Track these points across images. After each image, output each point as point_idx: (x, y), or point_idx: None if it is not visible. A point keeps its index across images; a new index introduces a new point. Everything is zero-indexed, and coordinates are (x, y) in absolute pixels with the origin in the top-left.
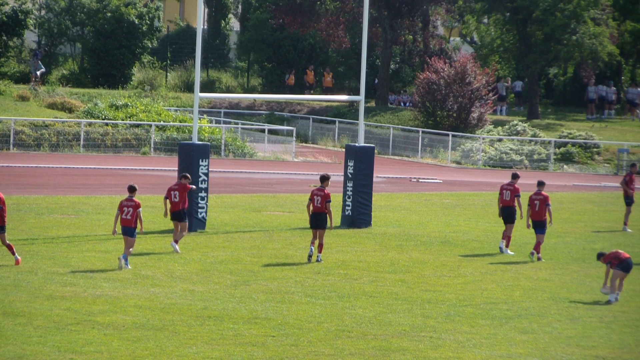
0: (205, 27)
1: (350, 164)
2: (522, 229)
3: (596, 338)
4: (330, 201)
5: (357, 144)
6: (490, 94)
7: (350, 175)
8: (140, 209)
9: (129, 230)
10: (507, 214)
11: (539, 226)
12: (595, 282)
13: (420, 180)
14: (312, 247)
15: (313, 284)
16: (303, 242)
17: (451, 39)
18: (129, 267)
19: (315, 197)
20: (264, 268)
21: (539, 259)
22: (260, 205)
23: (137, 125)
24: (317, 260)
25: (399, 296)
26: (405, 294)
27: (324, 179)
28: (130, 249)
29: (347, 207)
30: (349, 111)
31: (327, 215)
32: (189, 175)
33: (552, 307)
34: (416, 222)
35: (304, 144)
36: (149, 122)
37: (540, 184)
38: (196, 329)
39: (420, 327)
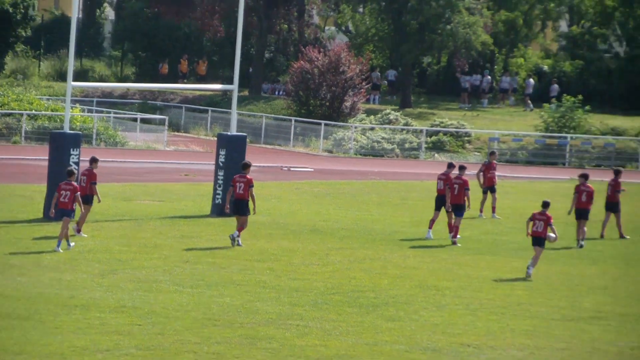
0: (80, 16)
1: (222, 152)
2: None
3: (462, 325)
4: (252, 186)
5: (229, 133)
6: (364, 83)
7: (221, 164)
8: (79, 193)
9: (66, 212)
10: (613, 207)
11: (458, 209)
12: (462, 270)
13: (291, 169)
14: (237, 232)
15: (181, 273)
16: (172, 231)
17: (326, 28)
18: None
19: (237, 183)
20: (132, 257)
21: (454, 242)
22: (131, 194)
23: (9, 114)
24: (238, 244)
25: (267, 284)
26: (273, 283)
27: (246, 166)
28: (67, 231)
29: (217, 196)
30: (222, 100)
31: (251, 200)
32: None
33: (419, 295)
34: (286, 211)
35: (177, 133)
36: (21, 111)
37: (462, 168)
38: (62, 318)
39: (287, 315)
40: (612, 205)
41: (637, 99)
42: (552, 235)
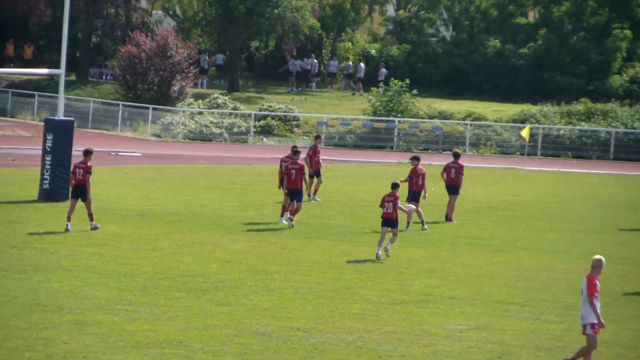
0: None
1: (49, 137)
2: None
3: (291, 309)
4: (91, 173)
5: (56, 118)
6: (192, 67)
7: (48, 149)
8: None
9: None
10: (454, 189)
11: (295, 194)
12: (292, 254)
13: (119, 153)
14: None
15: (9, 258)
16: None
17: (154, 12)
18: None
19: (77, 169)
20: None
21: (290, 220)
22: None
23: None
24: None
25: (95, 269)
26: (101, 268)
27: (87, 152)
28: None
29: (45, 181)
30: (49, 85)
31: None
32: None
33: (248, 279)
34: (114, 196)
35: (3, 118)
36: None
37: (296, 152)
38: None
39: (116, 300)
40: (454, 188)
41: (463, 83)
42: (405, 208)
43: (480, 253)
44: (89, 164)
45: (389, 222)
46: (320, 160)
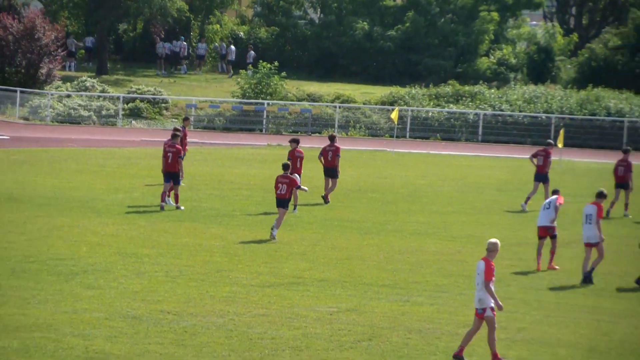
0: None
1: None
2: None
3: (162, 292)
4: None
5: None
6: (60, 50)
7: None
8: None
9: None
10: (332, 173)
11: (172, 177)
12: (162, 237)
13: None
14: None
15: None
16: None
17: None
18: None
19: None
20: None
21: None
22: None
23: None
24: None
25: None
26: None
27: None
28: None
29: None
30: None
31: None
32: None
33: (118, 262)
34: None
35: None
36: None
37: (175, 136)
38: None
39: None
40: (332, 171)
41: (332, 66)
42: (305, 188)
43: (350, 235)
44: None
45: (282, 202)
46: (187, 144)
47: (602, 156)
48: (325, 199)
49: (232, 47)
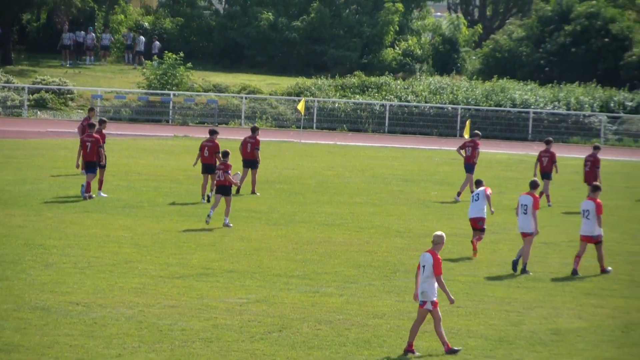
0: None
1: None
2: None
3: (70, 284)
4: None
5: None
6: None
7: None
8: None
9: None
10: (251, 164)
11: (90, 166)
12: (69, 228)
13: None
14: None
15: None
16: None
17: None
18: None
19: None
20: None
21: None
22: None
23: None
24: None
25: None
26: None
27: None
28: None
29: None
30: None
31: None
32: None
33: (26, 254)
34: None
35: None
36: None
37: (91, 125)
38: None
39: None
40: (251, 163)
41: (238, 56)
42: (237, 177)
43: (259, 226)
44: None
45: (222, 189)
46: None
47: (508, 147)
48: (240, 190)
49: (142, 37)
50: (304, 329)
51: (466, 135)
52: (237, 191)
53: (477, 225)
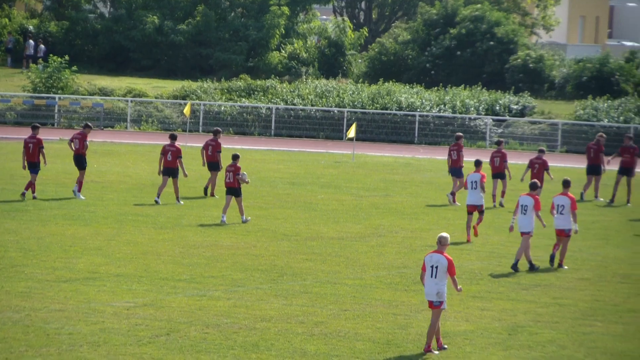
0: None
1: None
2: None
3: None
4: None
5: None
6: None
7: None
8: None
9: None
10: (214, 166)
11: (32, 166)
12: None
13: None
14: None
15: None
16: None
17: None
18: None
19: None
20: None
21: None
22: None
23: None
24: None
25: None
26: None
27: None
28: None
29: None
30: None
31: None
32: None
33: None
34: None
35: None
36: None
37: (35, 127)
38: None
39: None
40: (213, 165)
41: (123, 60)
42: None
43: (145, 230)
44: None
45: (232, 190)
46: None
47: (394, 150)
48: (206, 192)
49: (31, 41)
50: (191, 333)
51: (350, 135)
52: (205, 192)
53: (474, 209)
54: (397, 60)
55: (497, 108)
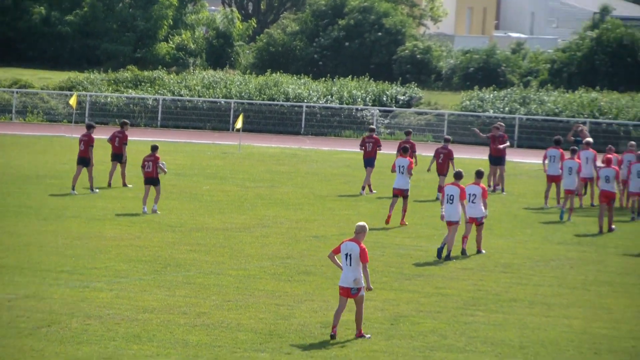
0: None
1: None
2: None
3: None
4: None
5: None
6: None
7: None
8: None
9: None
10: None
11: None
12: None
13: None
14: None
15: None
16: None
17: None
18: None
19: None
20: None
21: None
22: None
23: None
24: None
25: None
26: None
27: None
28: None
29: None
30: None
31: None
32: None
33: None
34: None
35: None
36: None
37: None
38: None
39: None
40: (119, 157)
41: (8, 51)
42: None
43: (28, 222)
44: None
45: (150, 180)
46: None
47: (281, 141)
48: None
49: None
50: (73, 324)
51: (237, 126)
52: (109, 185)
53: (400, 193)
54: (285, 51)
55: (384, 99)
